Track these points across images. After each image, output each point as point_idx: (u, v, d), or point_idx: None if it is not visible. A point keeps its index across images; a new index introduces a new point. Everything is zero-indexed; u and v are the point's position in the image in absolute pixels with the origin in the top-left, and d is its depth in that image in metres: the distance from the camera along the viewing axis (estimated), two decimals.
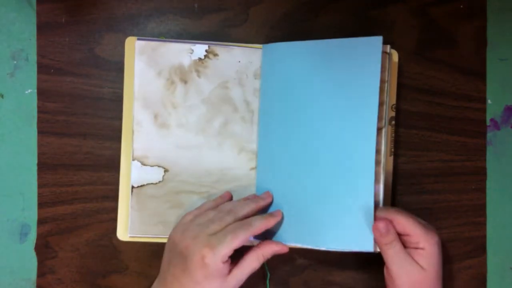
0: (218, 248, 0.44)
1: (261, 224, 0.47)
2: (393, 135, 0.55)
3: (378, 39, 0.49)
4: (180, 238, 0.46)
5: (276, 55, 0.53)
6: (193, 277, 0.45)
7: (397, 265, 0.47)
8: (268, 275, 0.55)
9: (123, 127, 0.54)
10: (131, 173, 0.53)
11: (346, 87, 0.50)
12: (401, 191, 0.56)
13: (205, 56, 0.54)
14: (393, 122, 0.55)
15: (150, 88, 0.53)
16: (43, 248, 0.54)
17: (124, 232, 0.54)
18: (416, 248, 0.47)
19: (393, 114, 0.55)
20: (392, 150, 0.55)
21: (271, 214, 0.50)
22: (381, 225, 0.47)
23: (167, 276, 0.47)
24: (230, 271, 0.46)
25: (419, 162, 0.56)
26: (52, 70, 0.55)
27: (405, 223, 0.47)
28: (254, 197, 0.52)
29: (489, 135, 0.57)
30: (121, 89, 0.54)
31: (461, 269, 0.56)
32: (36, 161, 0.54)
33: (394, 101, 0.55)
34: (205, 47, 0.54)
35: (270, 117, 0.54)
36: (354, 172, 0.49)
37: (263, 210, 0.52)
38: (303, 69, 0.52)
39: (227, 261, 0.45)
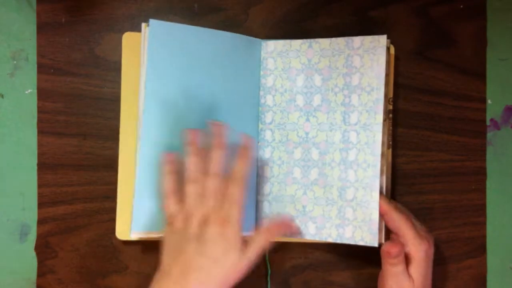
0: (232, 217, 0.46)
1: (244, 166, 0.48)
2: (391, 128, 0.55)
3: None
4: (187, 225, 0.46)
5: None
6: (212, 254, 0.45)
7: (395, 281, 0.48)
8: (269, 271, 0.55)
9: (121, 121, 0.54)
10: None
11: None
12: (401, 191, 0.56)
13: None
14: (391, 115, 0.55)
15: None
16: (43, 248, 0.54)
17: (125, 230, 0.54)
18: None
19: (390, 107, 0.55)
20: (390, 143, 0.55)
21: (243, 148, 0.49)
22: (394, 251, 0.47)
23: (172, 267, 0.46)
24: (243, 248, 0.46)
25: (419, 162, 0.56)
26: (52, 70, 0.55)
27: (399, 223, 0.48)
28: (217, 141, 0.50)
29: (489, 135, 0.57)
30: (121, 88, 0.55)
31: (461, 269, 0.56)
32: (36, 161, 0.54)
33: (391, 94, 0.55)
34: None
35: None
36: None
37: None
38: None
39: (241, 229, 0.46)
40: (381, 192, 0.50)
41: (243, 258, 0.46)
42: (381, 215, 0.49)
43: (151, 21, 0.52)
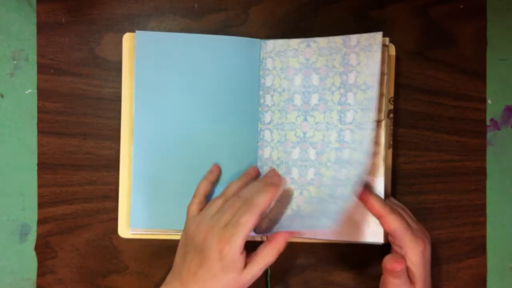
0: (233, 239, 0.45)
1: (265, 199, 0.47)
2: (392, 128, 0.55)
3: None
4: (195, 231, 0.47)
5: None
6: (211, 269, 0.45)
7: None
8: (269, 271, 0.55)
9: (122, 121, 0.54)
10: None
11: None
12: (401, 191, 0.56)
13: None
14: (391, 115, 0.55)
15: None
16: (43, 248, 0.54)
17: (126, 228, 0.54)
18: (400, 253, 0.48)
19: (391, 107, 0.55)
20: (391, 143, 0.55)
21: (271, 184, 0.49)
22: (398, 267, 0.46)
23: (182, 270, 0.47)
24: (245, 265, 0.46)
25: (419, 162, 0.56)
26: (52, 70, 0.55)
27: (394, 226, 0.48)
28: (261, 176, 0.52)
29: (489, 135, 0.57)
30: (121, 88, 0.54)
31: (461, 269, 0.56)
32: (36, 161, 0.54)
33: (392, 94, 0.55)
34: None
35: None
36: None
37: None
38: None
39: (243, 252, 0.46)
40: (376, 193, 0.50)
41: (245, 274, 0.46)
42: (377, 218, 0.49)
43: (137, 32, 0.53)
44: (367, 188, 0.50)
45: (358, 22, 0.57)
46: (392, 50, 0.55)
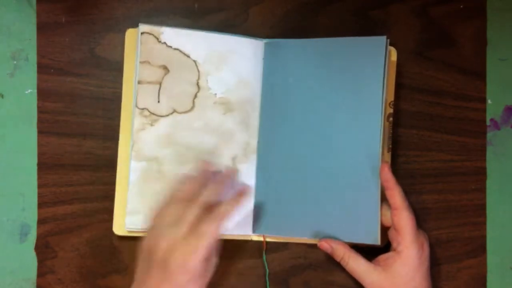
0: (197, 251, 0.43)
1: (229, 208, 0.46)
2: (391, 131, 0.55)
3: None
4: (155, 245, 0.44)
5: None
6: (176, 282, 0.43)
7: (361, 274, 0.50)
8: (267, 271, 0.55)
9: (122, 121, 0.54)
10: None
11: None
12: None
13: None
14: (391, 119, 0.55)
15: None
16: (43, 248, 0.54)
17: (121, 225, 0.53)
18: (394, 250, 0.49)
19: (391, 111, 0.55)
20: (390, 146, 0.55)
21: (242, 193, 0.48)
22: (324, 246, 0.51)
23: (144, 285, 0.45)
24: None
25: (419, 162, 0.56)
26: (52, 70, 0.55)
27: (404, 223, 0.48)
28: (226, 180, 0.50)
29: (489, 135, 0.57)
30: (121, 88, 0.54)
31: (461, 269, 0.56)
32: (36, 161, 0.54)
33: (392, 98, 0.55)
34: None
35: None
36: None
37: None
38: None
39: (208, 257, 0.45)
40: (400, 186, 0.50)
41: (206, 277, 0.46)
42: (392, 209, 0.49)
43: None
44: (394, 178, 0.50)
45: (358, 22, 0.57)
46: (394, 56, 0.55)
